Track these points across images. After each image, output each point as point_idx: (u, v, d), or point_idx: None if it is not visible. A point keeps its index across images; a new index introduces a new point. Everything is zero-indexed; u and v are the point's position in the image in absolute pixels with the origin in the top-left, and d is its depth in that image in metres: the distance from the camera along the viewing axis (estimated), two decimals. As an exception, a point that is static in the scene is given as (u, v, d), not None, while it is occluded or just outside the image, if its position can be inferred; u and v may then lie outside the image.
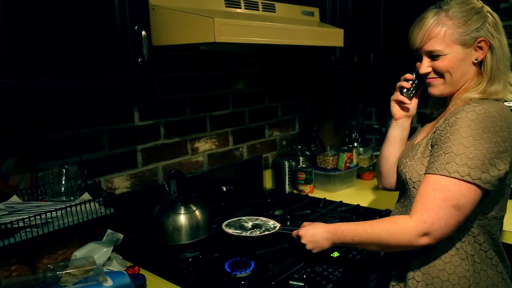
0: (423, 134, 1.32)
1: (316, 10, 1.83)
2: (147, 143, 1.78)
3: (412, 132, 1.44)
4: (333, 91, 2.56)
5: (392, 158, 1.41)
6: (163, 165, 1.85)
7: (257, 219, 1.62)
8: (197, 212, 1.60)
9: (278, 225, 1.55)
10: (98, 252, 1.34)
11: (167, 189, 1.64)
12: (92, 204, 1.32)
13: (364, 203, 2.05)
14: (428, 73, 1.22)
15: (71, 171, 1.42)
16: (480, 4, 1.17)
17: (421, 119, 1.43)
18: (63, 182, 1.40)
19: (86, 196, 1.37)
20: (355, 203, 2.00)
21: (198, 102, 1.96)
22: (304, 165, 2.28)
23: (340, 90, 2.55)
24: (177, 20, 1.27)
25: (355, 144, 2.54)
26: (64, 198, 1.38)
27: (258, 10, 1.55)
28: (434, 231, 1.05)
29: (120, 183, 1.70)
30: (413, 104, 1.39)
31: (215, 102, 2.04)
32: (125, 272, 1.33)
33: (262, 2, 1.56)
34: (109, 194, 1.41)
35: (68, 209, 1.26)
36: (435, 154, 1.11)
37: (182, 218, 1.57)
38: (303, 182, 2.24)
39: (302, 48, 1.87)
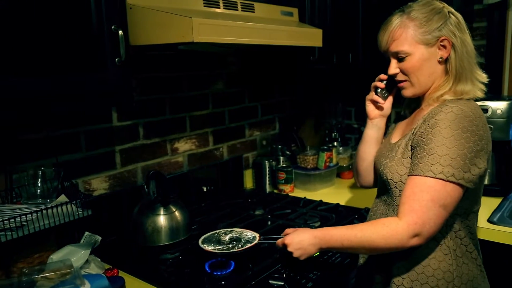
0: (398, 134, 1.34)
1: (295, 11, 1.84)
2: (125, 143, 1.76)
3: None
4: (313, 91, 2.57)
5: (368, 158, 1.43)
6: (142, 166, 1.84)
7: (231, 231, 1.55)
8: (176, 213, 1.59)
9: (256, 235, 1.48)
10: (76, 255, 1.32)
11: (146, 190, 1.62)
12: (69, 206, 1.30)
13: (344, 202, 2.07)
14: (396, 75, 1.26)
15: (47, 173, 1.39)
16: (442, 5, 1.21)
17: (398, 118, 1.44)
18: (39, 184, 1.38)
19: (62, 198, 1.35)
20: (335, 202, 2.02)
21: (177, 102, 1.95)
22: (284, 165, 2.29)
23: (320, 90, 2.57)
24: (155, 20, 1.26)
25: (335, 144, 2.56)
26: (40, 201, 1.36)
27: (237, 10, 1.55)
28: (424, 232, 1.07)
29: (98, 184, 1.67)
30: (387, 103, 1.41)
31: (195, 102, 2.03)
32: (103, 274, 1.31)
33: (241, 2, 1.56)
34: (86, 196, 1.39)
35: (44, 211, 1.24)
36: (418, 155, 1.12)
37: (162, 219, 1.56)
38: (283, 181, 2.25)
39: (281, 48, 1.88)
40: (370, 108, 1.43)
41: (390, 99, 1.40)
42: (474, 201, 1.20)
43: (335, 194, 2.21)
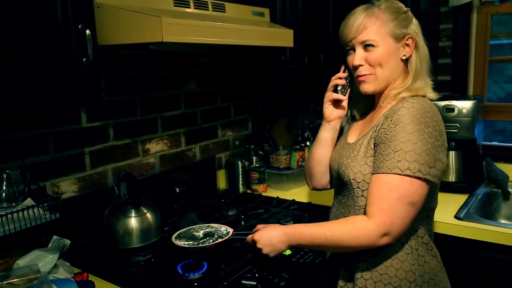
0: (356, 133, 1.33)
1: (266, 11, 1.85)
2: (95, 145, 1.73)
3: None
4: (285, 91, 2.58)
5: (324, 160, 1.41)
6: (113, 167, 1.81)
7: (208, 226, 1.54)
8: (148, 215, 1.58)
9: (230, 230, 1.47)
10: (43, 260, 1.29)
11: (117, 192, 1.59)
12: (35, 209, 1.27)
13: (316, 201, 2.09)
14: (360, 66, 1.22)
15: (13, 176, 1.36)
16: (406, 7, 1.25)
17: (351, 119, 1.44)
18: (4, 188, 1.34)
19: (29, 201, 1.31)
20: (307, 201, 2.04)
21: (148, 103, 1.92)
22: (257, 165, 2.30)
23: (292, 90, 2.58)
24: (123, 19, 1.24)
25: (308, 143, 2.58)
26: (5, 205, 1.32)
27: (208, 10, 1.54)
28: (393, 231, 1.08)
29: (67, 187, 1.64)
30: (344, 104, 1.38)
31: (166, 102, 2.01)
32: (72, 279, 1.29)
33: (212, 2, 1.55)
34: (54, 199, 1.37)
35: (9, 215, 1.21)
36: (383, 153, 1.12)
37: (133, 221, 1.54)
38: (256, 181, 2.25)
39: (253, 48, 1.88)
40: (329, 110, 1.39)
41: (347, 98, 1.38)
42: (433, 198, 1.22)
43: (307, 193, 2.23)
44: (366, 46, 1.21)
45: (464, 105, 2.07)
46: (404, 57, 1.22)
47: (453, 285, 1.29)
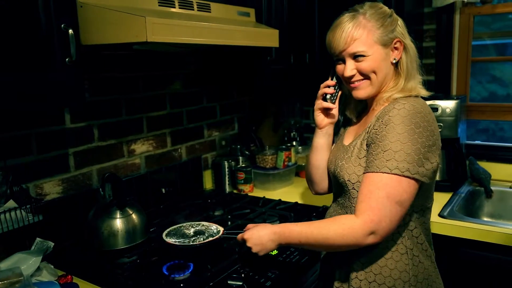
0: (351, 136, 1.34)
1: (252, 11, 1.85)
2: (80, 146, 1.71)
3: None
4: (271, 91, 2.59)
5: (322, 165, 1.42)
6: (98, 168, 1.79)
7: (198, 224, 1.55)
8: (133, 216, 1.56)
9: (221, 229, 1.49)
10: (26, 263, 1.27)
11: (102, 193, 1.58)
12: (18, 212, 1.25)
13: (302, 201, 2.10)
14: (352, 76, 1.23)
15: (-6, 178, 1.33)
16: (389, 9, 1.25)
17: (346, 122, 1.45)
18: (-15, 190, 1.32)
19: (11, 203, 1.29)
20: (293, 201, 2.05)
21: (134, 103, 1.91)
22: (243, 165, 2.30)
23: (278, 90, 2.59)
24: (107, 19, 1.23)
25: (294, 143, 2.59)
26: (-14, 207, 1.30)
27: (193, 9, 1.54)
28: (380, 229, 1.08)
29: (51, 188, 1.62)
30: (335, 110, 1.39)
31: (152, 102, 2.00)
32: (56, 282, 1.27)
33: (197, 2, 1.54)
34: (37, 201, 1.35)
35: (-9, 218, 1.18)
36: (373, 152, 1.13)
37: (118, 222, 1.53)
38: (242, 181, 2.25)
39: (238, 48, 1.88)
40: (320, 117, 1.40)
41: (337, 104, 1.39)
42: (428, 197, 1.23)
43: (294, 193, 2.24)
44: (356, 57, 1.21)
45: (447, 105, 2.10)
46: (394, 61, 1.22)
47: (439, 283, 1.30)
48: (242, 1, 1.79)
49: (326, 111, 1.39)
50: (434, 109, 2.09)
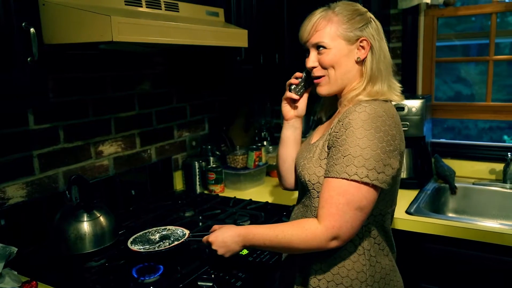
0: (318, 135, 1.34)
1: (221, 11, 1.84)
2: (45, 148, 1.67)
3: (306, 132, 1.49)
4: (241, 90, 2.59)
5: (288, 159, 1.44)
6: (64, 170, 1.75)
7: (164, 228, 1.53)
8: (101, 218, 1.54)
9: (187, 232, 1.48)
10: (-13, 269, 1.23)
11: (68, 196, 1.54)
12: (-22, 216, 1.21)
13: (273, 200, 2.11)
14: (314, 68, 1.26)
15: (-47, 182, 1.28)
16: (364, 9, 1.26)
17: (319, 121, 1.47)
18: None
19: (-29, 208, 1.25)
20: (264, 201, 2.05)
21: (101, 104, 1.87)
22: (214, 165, 2.29)
23: (248, 90, 2.59)
24: (71, 18, 1.20)
25: (264, 143, 2.60)
26: None
27: (161, 9, 1.52)
28: (342, 234, 1.09)
29: (14, 192, 1.57)
30: (302, 104, 1.41)
31: (120, 103, 1.97)
32: (20, 288, 1.23)
33: (164, 1, 1.53)
34: (-1, 205, 1.30)
35: (-51, 224, 1.14)
36: (334, 157, 1.13)
37: (85, 226, 1.50)
38: (213, 182, 2.24)
39: (208, 48, 1.87)
40: (286, 108, 1.43)
41: (304, 98, 1.41)
42: (389, 202, 1.23)
43: (264, 192, 2.24)
44: (319, 48, 1.23)
45: (413, 104, 2.15)
46: (358, 59, 1.22)
47: (404, 279, 1.33)
48: (211, 1, 1.78)
49: (292, 103, 1.42)
50: (401, 108, 2.14)
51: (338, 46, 1.21)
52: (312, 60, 1.25)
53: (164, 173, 2.22)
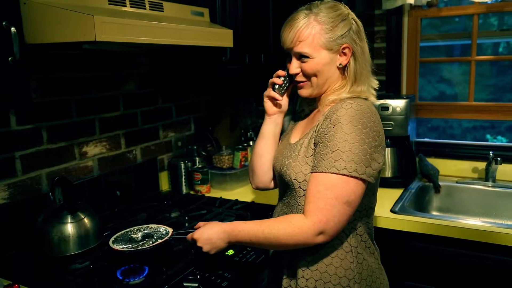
0: (298, 133, 1.34)
1: (206, 11, 1.83)
2: (27, 149, 1.64)
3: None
4: (227, 91, 2.59)
5: (265, 155, 1.42)
6: (47, 172, 1.72)
7: (147, 227, 1.52)
8: (85, 220, 1.52)
9: (170, 230, 1.46)
10: (-32, 273, 1.21)
11: (52, 197, 1.52)
12: (-42, 219, 1.19)
13: (259, 200, 2.11)
14: (297, 74, 1.27)
15: None
16: (347, 11, 1.25)
17: (296, 117, 1.46)
18: None
19: (-49, 211, 1.23)
20: (250, 200, 2.06)
21: (85, 104, 1.85)
22: (200, 166, 2.28)
23: (234, 90, 2.59)
24: (53, 17, 1.18)
25: (250, 143, 2.59)
26: None
27: (145, 8, 1.51)
28: (329, 229, 1.10)
29: (-4, 194, 1.54)
30: (284, 100, 1.41)
31: (105, 103, 1.95)
32: (2, 291, 1.21)
33: (149, 1, 1.52)
34: (-20, 207, 1.28)
35: None
36: (322, 152, 1.14)
37: (69, 227, 1.48)
38: (199, 182, 2.24)
39: (193, 49, 1.86)
40: (268, 104, 1.42)
41: (286, 96, 1.41)
42: (372, 197, 1.26)
43: (250, 192, 2.24)
44: (301, 57, 1.23)
45: (397, 104, 2.17)
46: (340, 65, 1.23)
47: (389, 278, 1.35)
48: (196, 1, 1.77)
49: (273, 100, 1.42)
50: (385, 108, 2.16)
51: (320, 56, 1.21)
52: (294, 66, 1.26)
53: (150, 173, 2.21)
